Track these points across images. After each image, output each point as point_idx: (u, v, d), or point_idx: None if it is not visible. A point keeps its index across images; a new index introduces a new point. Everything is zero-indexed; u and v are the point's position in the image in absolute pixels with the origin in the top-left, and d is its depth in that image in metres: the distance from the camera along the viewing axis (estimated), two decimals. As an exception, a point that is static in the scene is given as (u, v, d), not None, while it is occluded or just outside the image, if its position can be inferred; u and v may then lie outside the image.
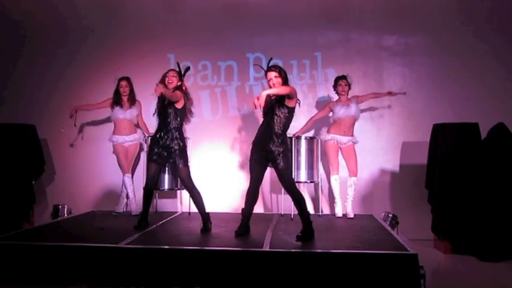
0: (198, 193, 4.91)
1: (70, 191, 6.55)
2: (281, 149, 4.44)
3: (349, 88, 5.85)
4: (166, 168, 5.80)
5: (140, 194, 6.16)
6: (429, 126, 5.59)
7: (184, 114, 4.94)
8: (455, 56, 6.31)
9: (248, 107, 6.60)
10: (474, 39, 6.27)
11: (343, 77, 5.86)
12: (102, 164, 6.53)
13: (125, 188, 6.01)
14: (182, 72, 4.97)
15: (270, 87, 4.41)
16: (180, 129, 4.91)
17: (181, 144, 4.87)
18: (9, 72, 6.80)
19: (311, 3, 6.52)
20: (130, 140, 6.03)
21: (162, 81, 4.91)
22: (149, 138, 5.87)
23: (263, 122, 4.58)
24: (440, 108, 6.17)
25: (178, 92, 4.84)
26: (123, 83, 5.98)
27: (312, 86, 6.52)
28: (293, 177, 5.61)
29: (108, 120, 6.33)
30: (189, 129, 5.97)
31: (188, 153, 5.04)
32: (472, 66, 6.26)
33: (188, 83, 6.48)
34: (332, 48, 6.52)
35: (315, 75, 6.56)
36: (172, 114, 4.84)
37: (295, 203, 4.55)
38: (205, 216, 4.91)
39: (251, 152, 4.63)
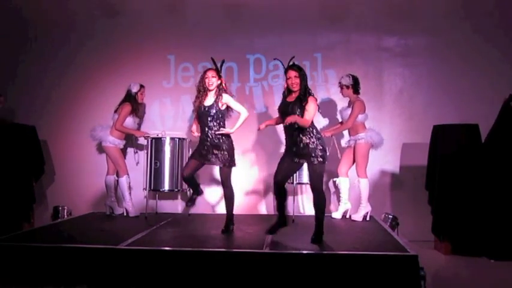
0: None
1: (70, 192, 6.54)
2: None
3: (347, 89, 5.71)
4: (166, 169, 5.80)
5: (140, 194, 6.17)
6: (429, 128, 5.59)
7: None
8: (455, 57, 6.30)
9: (248, 108, 6.58)
10: (474, 41, 6.25)
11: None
12: (102, 166, 6.50)
13: (122, 189, 5.94)
14: (219, 68, 4.85)
15: (288, 85, 4.43)
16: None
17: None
18: (10, 73, 6.80)
19: (311, 4, 6.51)
20: (123, 143, 6.02)
21: (201, 83, 4.81)
22: (153, 140, 5.85)
23: None
24: (440, 109, 6.16)
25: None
26: (144, 89, 5.94)
27: (312, 88, 6.39)
28: (295, 178, 5.62)
29: (106, 121, 6.18)
30: (189, 130, 5.97)
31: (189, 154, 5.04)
32: (472, 68, 6.25)
33: (189, 83, 6.51)
34: (332, 49, 6.50)
35: (315, 77, 6.55)
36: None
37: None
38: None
39: None
